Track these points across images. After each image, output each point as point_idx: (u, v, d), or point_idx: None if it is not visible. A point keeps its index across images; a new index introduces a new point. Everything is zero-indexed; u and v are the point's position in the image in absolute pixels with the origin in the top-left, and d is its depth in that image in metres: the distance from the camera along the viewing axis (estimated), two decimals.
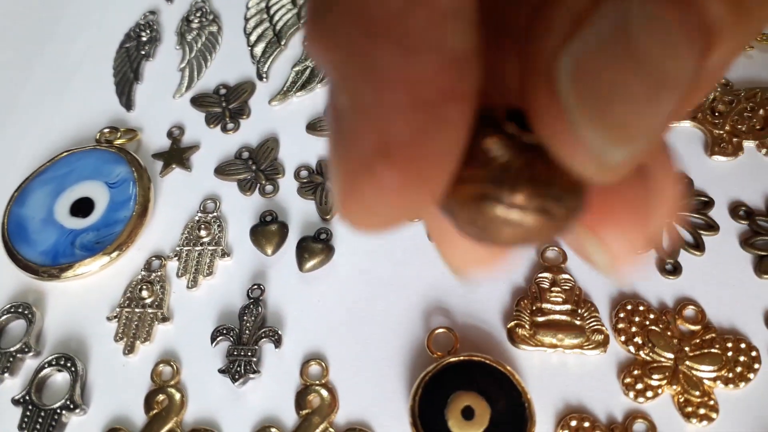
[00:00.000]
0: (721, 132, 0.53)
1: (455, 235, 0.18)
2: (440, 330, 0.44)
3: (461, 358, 0.42)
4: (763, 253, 0.47)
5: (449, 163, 0.16)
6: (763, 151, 0.52)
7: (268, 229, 0.51)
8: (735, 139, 0.52)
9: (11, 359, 0.47)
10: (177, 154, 0.56)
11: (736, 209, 0.49)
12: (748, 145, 0.52)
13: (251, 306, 0.47)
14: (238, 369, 0.45)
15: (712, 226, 0.49)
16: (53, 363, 0.47)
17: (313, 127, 0.56)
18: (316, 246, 0.49)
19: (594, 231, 0.18)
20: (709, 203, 0.50)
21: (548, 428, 0.42)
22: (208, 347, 0.47)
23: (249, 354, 0.46)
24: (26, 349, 0.48)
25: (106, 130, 0.57)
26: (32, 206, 0.53)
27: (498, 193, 0.16)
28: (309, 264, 0.48)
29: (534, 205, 0.16)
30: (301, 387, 0.45)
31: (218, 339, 0.47)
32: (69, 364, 0.46)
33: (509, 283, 0.48)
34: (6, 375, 0.47)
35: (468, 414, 0.40)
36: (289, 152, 0.56)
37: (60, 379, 0.47)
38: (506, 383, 0.41)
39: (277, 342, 0.46)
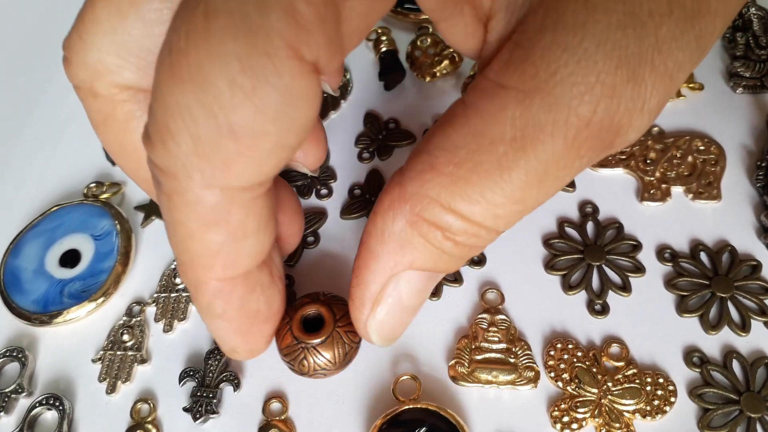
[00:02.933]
0: (652, 178, 0.58)
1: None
2: (405, 377, 0.49)
3: (418, 405, 0.47)
4: (684, 293, 0.52)
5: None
6: (689, 196, 0.57)
7: None
8: (664, 185, 0.57)
9: (6, 399, 0.53)
10: (156, 206, 0.61)
11: (662, 252, 0.54)
12: (676, 190, 0.57)
13: (216, 350, 0.53)
14: (200, 408, 0.50)
15: (639, 269, 0.53)
16: (43, 402, 0.52)
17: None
18: None
19: None
20: (638, 246, 0.55)
21: None
22: (178, 387, 0.52)
23: (210, 396, 0.51)
24: (20, 390, 0.53)
25: (93, 185, 0.62)
26: (25, 258, 0.58)
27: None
28: None
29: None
30: (262, 423, 0.50)
31: (185, 380, 0.52)
32: (57, 403, 0.52)
33: (454, 324, 0.52)
34: (1, 414, 0.52)
35: None
36: None
37: (50, 417, 0.52)
38: None
39: (236, 386, 0.51)
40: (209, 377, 0.51)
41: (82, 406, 0.52)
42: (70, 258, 0.58)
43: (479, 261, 0.55)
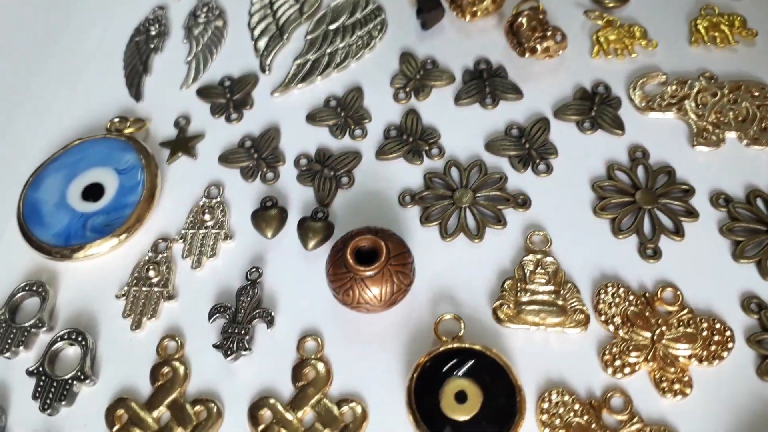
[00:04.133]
0: (705, 123, 0.55)
1: None
2: (447, 317, 0.47)
3: (463, 345, 0.44)
4: (739, 239, 0.49)
5: None
6: (744, 142, 0.54)
7: (268, 214, 0.53)
8: (717, 131, 0.54)
9: (26, 334, 0.50)
10: (183, 143, 0.59)
11: (716, 197, 0.52)
12: (730, 136, 0.54)
13: (248, 287, 0.50)
14: (231, 345, 0.48)
15: (692, 213, 0.51)
16: (65, 337, 0.49)
17: (312, 117, 0.59)
18: (316, 224, 0.52)
19: None
20: (690, 191, 0.52)
21: (531, 401, 0.44)
22: (207, 324, 0.50)
23: (242, 332, 0.48)
24: (40, 325, 0.50)
25: (116, 120, 0.59)
26: (46, 191, 0.56)
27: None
28: (313, 242, 0.51)
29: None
30: (297, 361, 0.47)
31: (215, 316, 0.49)
32: (80, 338, 0.49)
33: (496, 266, 0.50)
34: (21, 348, 0.50)
35: (461, 398, 0.43)
36: (290, 141, 0.58)
37: (71, 352, 0.50)
38: (501, 375, 0.43)
39: (270, 322, 0.49)
40: (241, 314, 0.49)
41: (105, 342, 0.50)
42: (94, 192, 0.55)
43: (524, 203, 0.52)
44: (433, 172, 0.54)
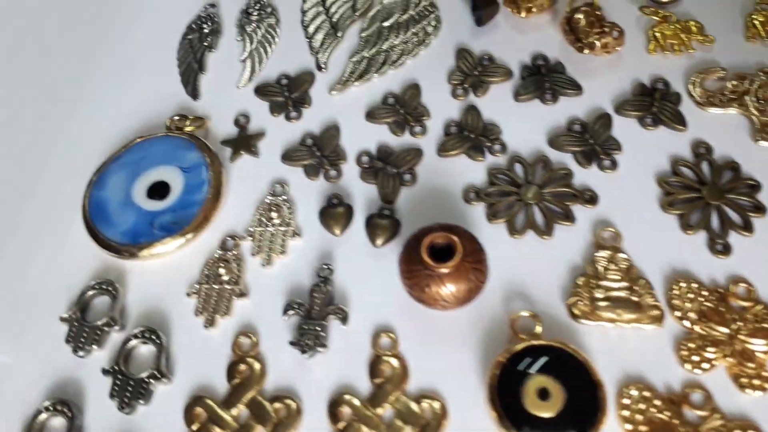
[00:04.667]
0: (767, 118, 0.55)
1: None
2: (524, 314, 0.47)
3: (543, 342, 0.45)
4: None
5: None
6: None
7: (335, 212, 0.53)
8: None
9: (98, 332, 0.51)
10: (245, 141, 0.59)
11: None
12: None
13: (321, 284, 0.50)
14: (307, 342, 0.48)
15: (760, 208, 0.51)
16: (139, 335, 0.50)
17: (371, 114, 0.59)
18: (383, 222, 0.52)
19: None
20: (757, 186, 0.52)
21: (610, 397, 0.44)
22: (280, 321, 0.50)
23: (318, 329, 0.49)
24: (112, 323, 0.51)
25: (176, 118, 0.60)
26: (111, 189, 0.56)
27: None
28: (381, 239, 0.51)
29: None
30: (372, 357, 0.48)
31: (290, 312, 0.50)
32: (154, 337, 0.50)
33: (567, 263, 0.50)
34: (94, 347, 0.50)
35: (544, 395, 0.43)
36: (350, 139, 0.59)
37: (145, 351, 0.50)
38: (582, 372, 0.43)
39: (344, 319, 0.49)
40: (315, 311, 0.49)
41: (178, 340, 0.50)
42: (158, 190, 0.55)
43: (591, 199, 0.52)
44: (497, 168, 0.55)
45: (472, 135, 0.56)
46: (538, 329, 0.46)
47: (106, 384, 0.49)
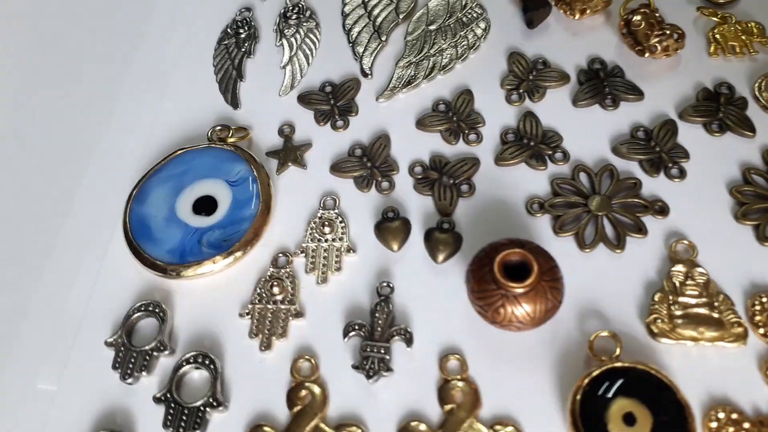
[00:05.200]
0: None
1: None
2: (603, 334, 0.44)
3: (625, 364, 0.42)
4: None
5: None
6: None
7: (391, 226, 0.51)
8: None
9: (147, 358, 0.48)
10: (291, 152, 0.56)
11: None
12: None
13: (382, 303, 0.48)
14: (372, 366, 0.46)
15: None
16: (191, 361, 0.47)
17: (422, 123, 0.57)
18: (444, 236, 0.49)
19: None
20: None
21: (696, 421, 0.42)
22: (340, 342, 0.47)
23: (382, 351, 0.46)
24: (161, 348, 0.48)
25: (218, 128, 0.57)
26: (153, 205, 0.53)
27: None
28: (443, 255, 0.49)
29: None
30: (441, 382, 0.45)
31: (350, 334, 0.47)
32: (207, 362, 0.47)
33: (641, 278, 0.48)
34: (143, 374, 0.48)
35: (629, 420, 0.41)
36: (401, 148, 0.56)
37: (197, 376, 0.48)
38: (669, 394, 0.41)
39: (409, 341, 0.47)
40: (378, 332, 0.47)
41: (233, 365, 0.48)
42: (205, 205, 0.53)
43: (662, 210, 0.50)
44: (561, 178, 0.52)
45: (531, 143, 0.54)
46: (618, 351, 0.44)
47: (157, 413, 0.46)
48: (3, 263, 0.54)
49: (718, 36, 0.58)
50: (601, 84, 0.57)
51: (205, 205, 0.53)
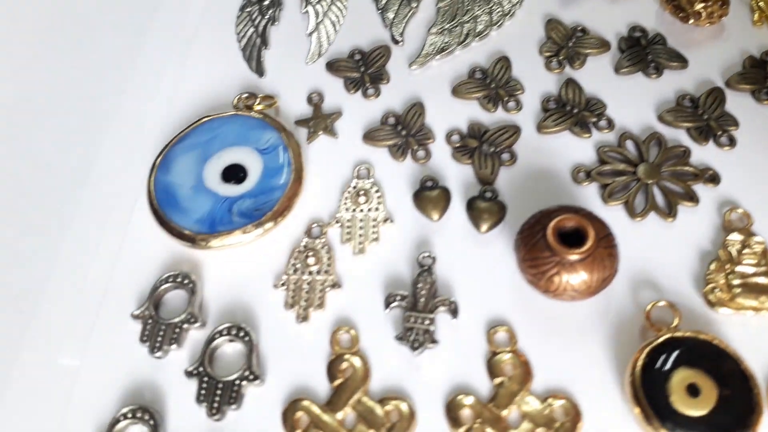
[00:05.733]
0: None
1: None
2: (661, 303, 0.42)
3: (685, 334, 0.40)
4: None
5: None
6: None
7: (431, 195, 0.49)
8: None
9: (177, 330, 0.46)
10: (321, 120, 0.54)
11: None
12: None
13: (424, 273, 0.46)
14: (417, 337, 0.44)
15: None
16: (224, 333, 0.45)
17: (458, 90, 0.54)
18: (487, 205, 0.47)
19: None
20: None
21: (761, 391, 0.40)
22: (380, 314, 0.45)
23: (426, 322, 0.44)
24: (192, 320, 0.46)
25: (244, 96, 0.55)
26: (178, 173, 0.51)
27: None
28: (487, 224, 0.47)
29: None
30: (489, 354, 0.43)
31: (392, 305, 0.45)
32: (242, 334, 0.45)
33: (694, 247, 0.46)
34: (173, 347, 0.45)
35: (693, 392, 0.39)
36: (436, 117, 0.54)
37: (230, 350, 0.45)
38: (730, 365, 0.39)
39: (454, 312, 0.45)
40: (421, 302, 0.45)
41: (267, 337, 0.45)
42: (233, 173, 0.50)
43: (713, 179, 0.48)
44: (607, 146, 0.50)
45: (574, 110, 0.52)
46: (676, 321, 0.42)
47: (188, 388, 0.44)
48: (21, 235, 0.51)
49: (762, 4, 0.57)
50: (642, 51, 0.55)
51: (234, 174, 0.50)
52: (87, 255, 0.50)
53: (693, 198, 0.47)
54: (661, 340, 0.41)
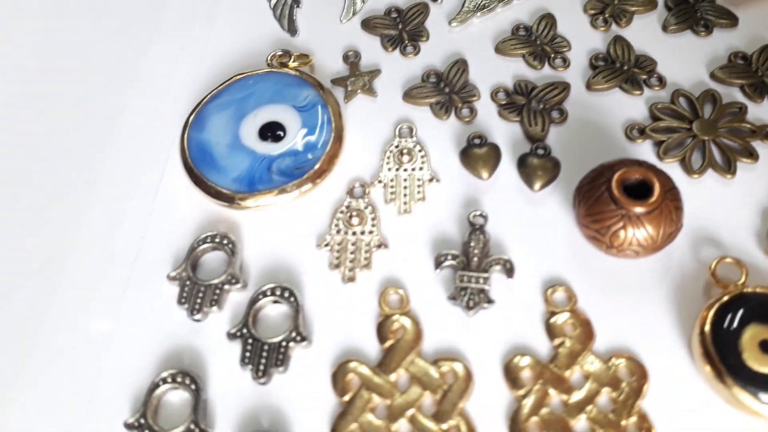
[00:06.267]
0: None
1: None
2: (728, 260, 0.41)
3: (756, 290, 0.39)
4: None
5: None
6: None
7: (480, 152, 0.47)
8: None
9: (217, 292, 0.43)
10: (359, 79, 0.52)
11: None
12: None
13: (476, 232, 0.44)
14: (472, 297, 0.42)
15: None
16: (268, 293, 0.43)
17: (501, 48, 0.52)
18: (540, 162, 0.45)
19: None
20: None
21: None
22: (429, 274, 0.44)
23: (481, 282, 0.42)
24: (233, 281, 0.44)
25: (279, 53, 0.52)
26: (213, 131, 0.49)
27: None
28: (540, 182, 0.45)
29: None
30: (547, 315, 0.41)
31: (443, 264, 0.43)
32: (287, 295, 0.43)
33: (755, 204, 0.44)
34: (213, 308, 0.43)
35: (766, 347, 0.37)
36: (480, 75, 0.52)
37: (274, 312, 0.43)
38: None
39: (510, 272, 0.43)
40: (474, 261, 0.43)
41: (314, 299, 0.43)
42: (272, 132, 0.48)
43: None
44: (660, 103, 0.48)
45: (624, 67, 0.50)
46: (744, 277, 0.40)
47: (230, 351, 0.42)
48: (49, 196, 0.49)
49: None
50: (691, 9, 0.53)
51: (272, 132, 0.48)
52: (117, 216, 0.48)
53: (752, 154, 0.45)
54: (730, 296, 0.39)
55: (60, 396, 0.41)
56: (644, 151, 0.47)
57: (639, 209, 0.38)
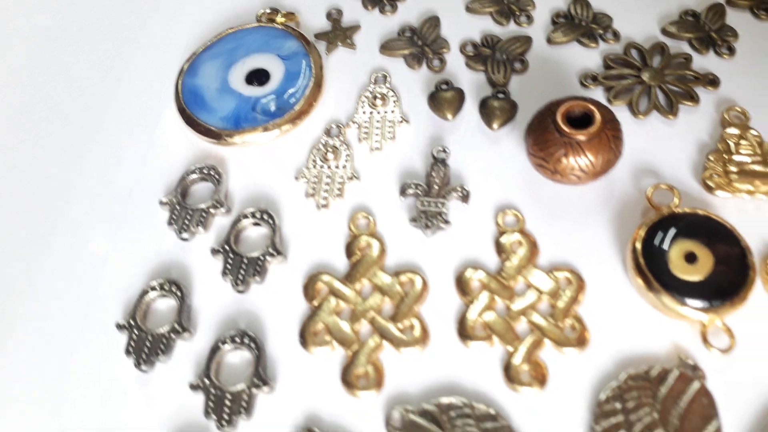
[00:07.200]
0: None
1: None
2: (663, 186, 0.45)
3: (685, 210, 0.43)
4: None
5: None
6: None
7: (445, 95, 0.51)
8: None
9: (203, 215, 0.48)
10: (340, 34, 0.57)
11: None
12: None
13: (438, 164, 0.48)
14: (430, 219, 0.46)
15: None
16: (249, 216, 0.48)
17: (472, 8, 0.57)
18: (499, 103, 0.50)
19: None
20: None
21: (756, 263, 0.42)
22: (396, 202, 0.48)
23: (439, 206, 0.47)
24: (218, 205, 0.48)
25: (267, 10, 0.57)
26: (205, 77, 0.54)
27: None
28: (499, 121, 0.49)
29: None
30: (498, 234, 0.46)
31: (408, 192, 0.48)
32: (265, 217, 0.47)
33: (694, 141, 0.48)
34: (200, 229, 0.48)
35: (690, 259, 0.41)
36: (451, 31, 0.56)
37: (254, 233, 0.48)
38: (729, 238, 0.42)
39: (465, 197, 0.47)
40: (434, 189, 0.47)
41: (291, 223, 0.48)
42: (257, 77, 0.53)
43: (713, 82, 0.51)
44: (613, 54, 0.53)
45: (582, 23, 0.54)
46: (676, 200, 0.44)
47: (214, 265, 0.46)
48: (59, 131, 0.54)
49: None
50: None
51: (257, 77, 0.53)
52: (116, 151, 0.53)
53: (694, 98, 0.50)
54: (662, 215, 0.43)
55: (62, 304, 0.46)
56: (596, 95, 0.51)
57: (580, 137, 0.43)
